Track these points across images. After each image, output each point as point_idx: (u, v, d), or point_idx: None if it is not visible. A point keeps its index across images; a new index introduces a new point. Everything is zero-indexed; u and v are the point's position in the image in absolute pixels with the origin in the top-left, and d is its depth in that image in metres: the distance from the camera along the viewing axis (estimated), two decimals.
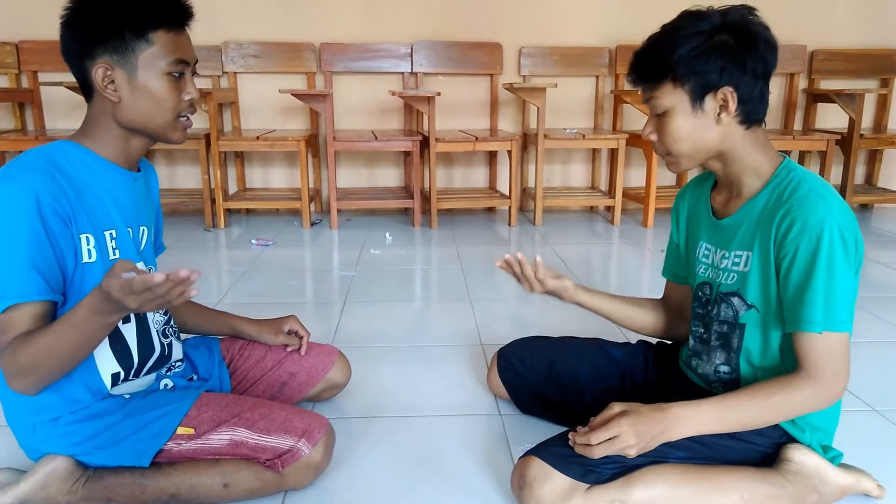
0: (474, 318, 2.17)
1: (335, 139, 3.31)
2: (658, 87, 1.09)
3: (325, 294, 2.48)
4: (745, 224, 1.13)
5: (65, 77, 3.17)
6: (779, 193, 1.09)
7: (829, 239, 1.01)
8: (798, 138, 3.50)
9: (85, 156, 1.10)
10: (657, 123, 1.13)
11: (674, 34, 1.06)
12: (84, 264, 1.07)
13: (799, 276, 1.04)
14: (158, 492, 1.13)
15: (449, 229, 3.46)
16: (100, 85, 1.06)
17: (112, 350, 1.14)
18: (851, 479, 1.17)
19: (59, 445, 1.12)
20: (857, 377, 1.69)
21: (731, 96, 1.06)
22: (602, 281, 2.67)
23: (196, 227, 3.40)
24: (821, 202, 1.03)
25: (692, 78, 1.05)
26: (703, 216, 1.25)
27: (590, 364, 1.43)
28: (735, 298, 1.16)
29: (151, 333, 1.20)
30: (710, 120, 1.08)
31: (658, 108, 1.10)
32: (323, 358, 1.47)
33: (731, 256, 1.16)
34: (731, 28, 1.05)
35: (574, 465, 1.09)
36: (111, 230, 1.12)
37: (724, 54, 1.04)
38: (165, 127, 1.11)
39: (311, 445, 1.16)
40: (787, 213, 1.05)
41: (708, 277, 1.22)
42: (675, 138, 1.10)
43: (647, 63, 1.10)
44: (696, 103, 1.07)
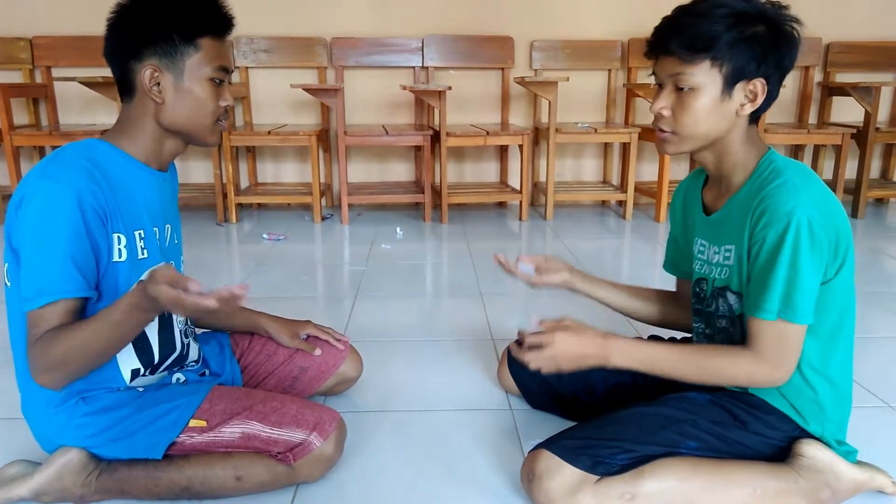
0: (485, 312, 2.17)
1: (346, 134, 3.31)
2: (694, 63, 1.05)
3: (337, 288, 2.49)
4: (731, 218, 1.13)
5: (78, 72, 3.19)
6: (758, 185, 1.08)
7: (795, 230, 1.01)
8: (813, 132, 3.46)
9: (118, 156, 1.12)
10: (676, 99, 1.09)
11: (720, 11, 1.03)
12: (114, 263, 1.08)
13: (762, 265, 1.04)
14: (171, 484, 1.14)
15: (460, 224, 3.45)
16: (146, 85, 1.08)
17: (134, 346, 1.15)
18: (865, 475, 1.16)
19: (73, 437, 1.13)
20: (871, 372, 1.69)
21: (761, 89, 1.05)
22: (614, 276, 2.65)
23: (208, 222, 3.42)
24: (793, 192, 1.03)
25: (732, 61, 1.03)
26: (697, 213, 1.24)
27: None
28: (728, 293, 1.16)
29: (175, 333, 1.22)
30: (733, 108, 1.07)
31: (685, 83, 1.06)
32: (335, 353, 1.48)
33: (722, 251, 1.16)
34: (774, 22, 1.04)
35: (583, 458, 1.09)
36: (140, 230, 1.13)
37: (766, 46, 1.03)
38: (205, 130, 1.14)
39: (322, 439, 1.16)
40: (759, 204, 1.05)
41: (703, 273, 1.22)
42: (694, 118, 1.08)
43: (689, 34, 1.04)
44: (727, 88, 1.05)
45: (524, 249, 3.05)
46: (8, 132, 3.22)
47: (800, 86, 3.87)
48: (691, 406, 1.17)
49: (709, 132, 1.09)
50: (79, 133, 3.24)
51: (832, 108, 3.88)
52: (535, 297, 2.38)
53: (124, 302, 0.98)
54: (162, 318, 1.18)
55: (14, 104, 3.41)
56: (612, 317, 1.52)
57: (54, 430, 1.14)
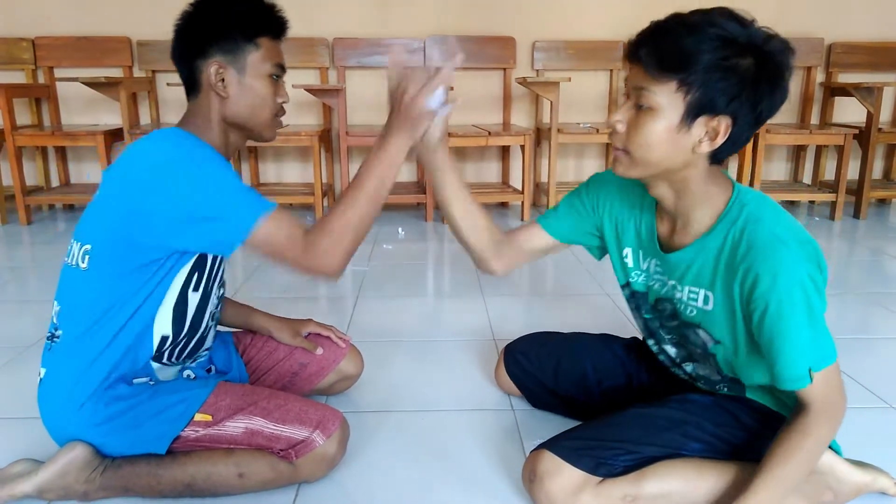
0: (487, 313, 2.17)
1: (348, 134, 3.32)
2: (659, 80, 0.95)
3: (338, 288, 2.49)
4: (700, 262, 1.07)
5: (81, 73, 3.20)
6: (735, 237, 1.02)
7: (802, 291, 0.96)
8: (815, 132, 3.46)
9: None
10: (633, 116, 1.00)
11: (710, 30, 0.93)
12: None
13: (775, 334, 0.98)
14: (174, 481, 1.14)
15: None
16: (212, 80, 1.13)
17: (173, 312, 1.16)
18: (867, 477, 1.16)
19: (82, 425, 1.13)
20: (873, 374, 1.69)
21: (724, 129, 0.96)
22: (614, 277, 2.66)
23: None
24: (784, 251, 0.96)
25: (701, 89, 0.94)
26: (647, 241, 1.17)
27: (596, 360, 1.42)
28: (700, 331, 1.13)
29: (207, 310, 1.23)
30: (688, 143, 0.98)
31: (645, 101, 0.97)
32: (335, 349, 1.48)
33: (686, 291, 1.11)
34: (766, 57, 0.94)
35: (585, 458, 1.08)
36: None
37: (746, 81, 0.93)
38: (265, 124, 1.19)
39: (325, 437, 1.17)
40: (749, 268, 0.98)
41: (663, 293, 1.17)
42: (646, 141, 0.99)
43: (664, 47, 0.95)
44: (687, 119, 0.96)
45: None
46: (10, 132, 3.22)
47: (802, 86, 3.87)
48: (694, 408, 1.17)
49: (660, 161, 1.00)
50: (82, 133, 3.25)
51: (834, 109, 3.88)
52: (539, 297, 2.38)
53: (389, 135, 1.11)
54: (204, 290, 1.20)
55: (17, 104, 3.42)
56: (614, 320, 1.52)
57: (66, 418, 1.15)
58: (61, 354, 1.15)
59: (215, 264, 1.21)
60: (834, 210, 3.52)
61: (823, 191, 3.62)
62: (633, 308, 1.27)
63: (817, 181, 3.90)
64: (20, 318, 2.14)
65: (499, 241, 1.31)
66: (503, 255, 1.32)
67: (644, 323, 1.27)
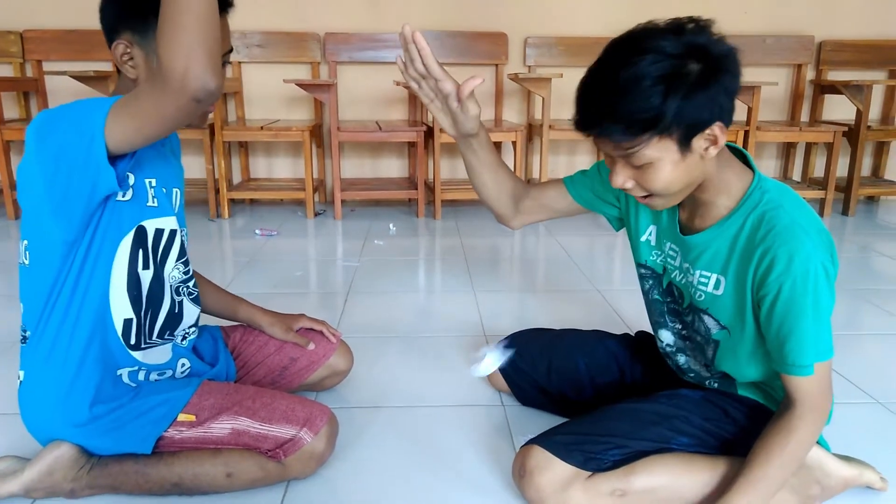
0: (478, 309, 2.17)
1: (339, 129, 3.30)
2: (638, 142, 0.94)
3: (329, 284, 2.49)
4: (716, 247, 1.07)
5: (70, 66, 3.17)
6: (756, 221, 1.02)
7: (814, 278, 0.96)
8: (805, 130, 3.48)
9: None
10: (635, 174, 1.00)
11: (641, 81, 0.89)
12: (118, 202, 1.07)
13: (784, 318, 0.99)
14: (161, 480, 1.13)
15: (453, 220, 3.45)
16: (118, 60, 1.08)
17: (128, 294, 1.13)
18: (854, 471, 1.17)
19: (65, 426, 1.12)
20: (860, 369, 1.70)
21: (720, 132, 0.95)
22: (606, 273, 2.67)
23: (200, 218, 3.40)
24: (804, 237, 0.97)
25: (682, 126, 0.92)
26: (668, 223, 1.17)
27: (589, 357, 1.42)
28: (706, 316, 1.13)
29: (165, 285, 1.19)
30: (697, 158, 0.97)
31: (637, 161, 0.96)
32: (325, 344, 1.48)
33: (697, 275, 1.11)
34: (697, 52, 0.90)
35: (575, 453, 1.09)
36: (151, 179, 1.13)
37: (707, 89, 0.91)
38: None
39: (313, 434, 1.16)
40: (767, 250, 0.99)
41: (680, 283, 1.17)
42: (664, 184, 0.98)
43: (621, 121, 0.92)
44: (683, 148, 0.95)
45: (517, 245, 3.05)
46: None
47: (792, 84, 3.88)
48: (683, 403, 1.17)
49: (687, 186, 1.01)
50: None
51: (824, 106, 3.89)
52: (530, 293, 2.39)
53: None
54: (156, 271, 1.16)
55: (5, 98, 3.38)
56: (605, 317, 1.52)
57: (47, 420, 1.13)
58: (32, 355, 1.12)
59: (165, 241, 1.17)
60: (823, 207, 3.54)
61: (813, 188, 3.64)
62: (646, 289, 1.27)
63: (807, 178, 3.92)
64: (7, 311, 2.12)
65: (521, 199, 1.32)
66: (523, 213, 1.34)
67: (652, 305, 1.27)
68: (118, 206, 1.08)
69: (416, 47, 1.07)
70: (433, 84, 1.12)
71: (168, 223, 1.17)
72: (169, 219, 1.18)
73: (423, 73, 1.11)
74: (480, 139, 1.23)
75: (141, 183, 1.11)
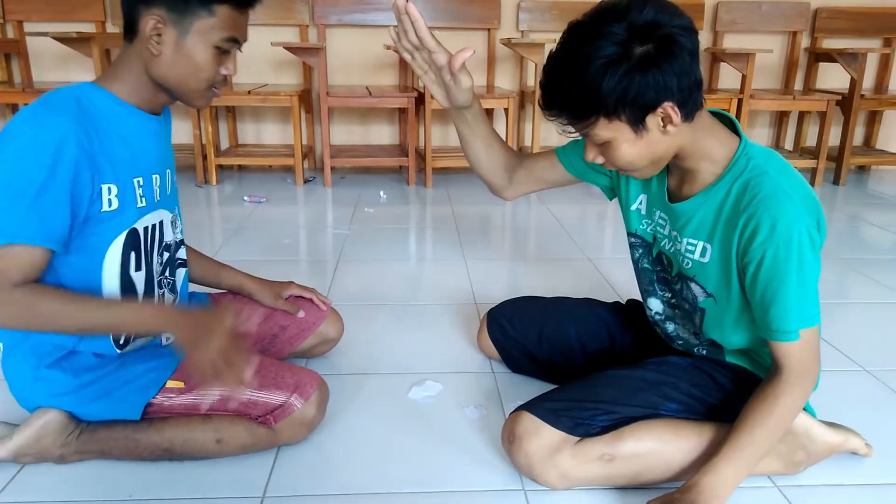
0: (469, 277, 2.16)
1: (328, 94, 3.25)
2: (591, 124, 0.97)
3: (319, 252, 2.47)
4: (702, 214, 1.07)
5: (51, 27, 3.08)
6: (741, 188, 1.02)
7: (798, 244, 0.97)
8: (798, 98, 3.46)
9: (112, 102, 1.07)
10: (600, 150, 1.03)
11: (588, 65, 0.92)
12: (103, 213, 1.05)
13: (767, 284, 1.00)
14: (151, 446, 1.13)
15: (444, 188, 3.43)
16: (146, 33, 1.03)
17: (121, 293, 1.12)
18: (840, 437, 1.18)
19: (50, 395, 1.12)
20: (848, 337, 1.72)
21: (671, 110, 0.95)
22: (596, 241, 2.67)
23: (188, 184, 3.36)
24: (788, 203, 0.97)
25: (626, 109, 0.94)
26: (657, 191, 1.17)
27: (580, 325, 1.43)
28: (693, 284, 1.14)
29: (154, 284, 1.19)
30: (657, 134, 0.98)
31: (596, 140, 1.00)
32: (315, 312, 1.47)
33: (685, 242, 1.11)
34: (644, 34, 0.91)
35: (564, 419, 1.09)
36: (138, 178, 1.10)
37: (651, 69, 0.91)
38: (194, 93, 1.10)
39: (303, 400, 1.16)
40: (751, 217, 0.99)
41: (667, 250, 1.18)
42: (628, 160, 1.01)
43: (567, 104, 0.97)
44: (637, 128, 0.96)
45: (508, 213, 3.04)
46: None
47: (787, 51, 3.84)
48: (671, 369, 1.18)
49: (654, 159, 1.02)
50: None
51: (818, 75, 3.87)
52: (521, 262, 2.38)
53: (149, 308, 1.06)
54: (148, 266, 1.15)
55: None
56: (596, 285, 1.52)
57: (31, 389, 1.13)
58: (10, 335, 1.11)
59: (151, 237, 1.16)
60: (814, 176, 3.54)
61: (805, 157, 3.63)
62: (636, 258, 1.28)
63: (799, 147, 3.91)
64: None
65: (514, 170, 1.33)
66: (516, 185, 1.35)
67: (642, 274, 1.27)
68: (103, 217, 1.05)
69: (410, 18, 1.07)
70: (427, 56, 1.13)
71: (153, 218, 1.16)
72: (154, 213, 1.16)
73: (416, 44, 1.12)
74: (474, 111, 1.23)
75: (128, 186, 1.08)
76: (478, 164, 1.32)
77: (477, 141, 1.28)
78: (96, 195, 1.03)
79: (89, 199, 1.02)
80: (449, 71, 1.12)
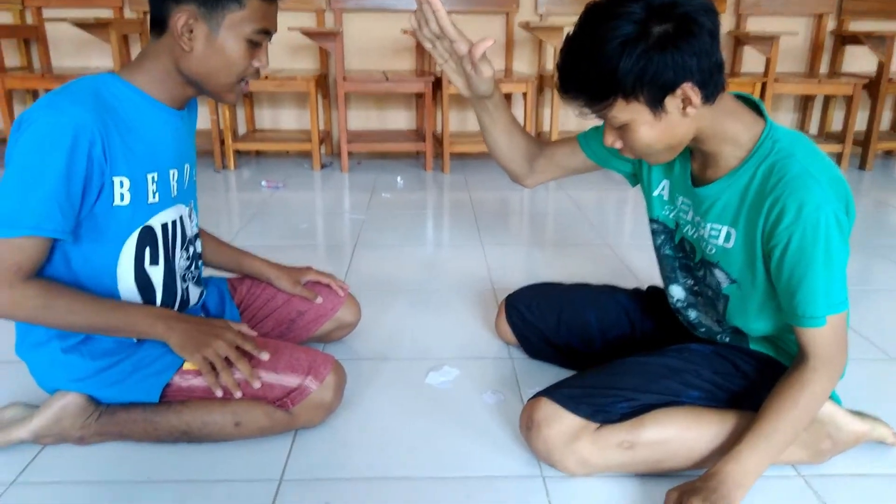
0: (486, 263, 2.15)
1: (345, 79, 3.23)
2: (608, 106, 0.95)
3: (336, 237, 2.47)
4: (726, 198, 1.05)
5: (69, 13, 3.10)
6: (766, 171, 0.99)
7: (825, 228, 0.94)
8: (824, 82, 3.38)
9: (133, 94, 1.07)
10: (618, 134, 1.01)
11: (604, 45, 0.90)
12: (115, 207, 1.05)
13: (794, 268, 0.97)
14: (170, 428, 1.14)
15: (461, 174, 3.41)
16: (177, 30, 1.03)
17: (137, 287, 1.13)
18: (866, 426, 1.16)
19: (68, 380, 1.13)
20: (874, 325, 1.68)
21: (691, 91, 0.92)
22: (615, 226, 2.64)
23: (206, 169, 3.37)
24: (814, 186, 0.95)
25: (645, 89, 0.92)
26: (680, 175, 1.15)
27: (600, 311, 1.41)
28: (717, 270, 1.11)
29: (176, 278, 1.19)
30: (677, 117, 0.96)
31: (615, 122, 0.98)
32: (333, 297, 1.47)
33: (708, 228, 1.09)
34: (662, 13, 0.89)
35: (583, 405, 1.08)
36: (153, 173, 1.10)
37: (669, 49, 0.89)
38: (224, 88, 1.09)
39: (318, 382, 1.16)
40: (777, 200, 0.96)
41: (690, 236, 1.15)
42: (646, 143, 0.99)
43: (585, 86, 0.95)
44: (656, 109, 0.94)
45: (526, 199, 3.01)
46: (0, 74, 3.14)
47: (812, 34, 3.75)
48: (693, 356, 1.16)
49: (672, 144, 1.00)
50: (72, 76, 3.16)
51: (844, 58, 3.77)
52: (539, 248, 2.36)
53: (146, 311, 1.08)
54: (167, 260, 1.16)
55: (5, 46, 3.32)
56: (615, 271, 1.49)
57: (50, 372, 1.14)
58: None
59: (171, 233, 1.16)
60: (840, 161, 3.46)
61: (830, 142, 3.56)
62: (657, 244, 1.26)
63: (824, 132, 3.83)
64: None
65: (535, 158, 1.33)
66: (537, 172, 1.35)
67: (664, 260, 1.25)
68: (115, 212, 1.05)
69: (431, 8, 1.08)
70: (447, 45, 1.13)
71: (171, 214, 1.16)
72: (172, 209, 1.16)
73: (437, 33, 1.12)
74: (495, 100, 1.23)
75: (141, 181, 1.08)
76: (498, 152, 1.31)
77: (498, 130, 1.28)
78: (107, 187, 1.03)
79: (98, 189, 1.02)
80: (470, 61, 1.11)
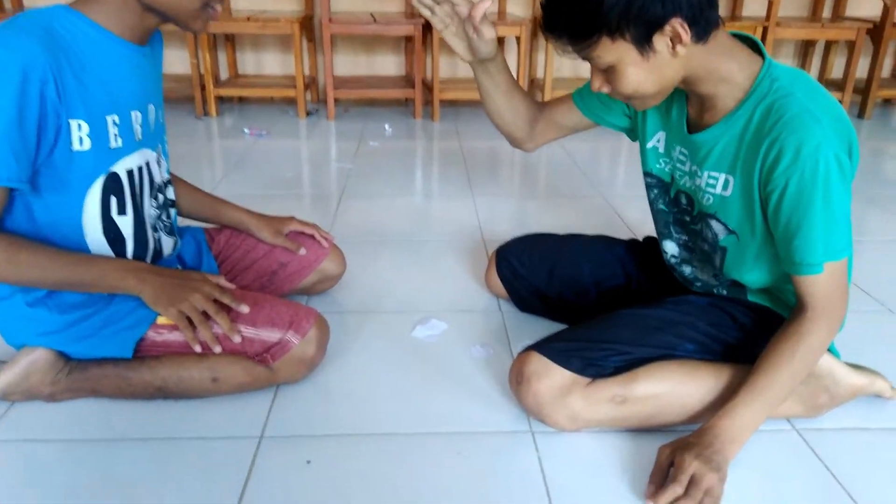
0: (476, 214, 2.09)
1: (331, 21, 3.10)
2: (593, 45, 0.90)
3: (322, 186, 2.39)
4: (724, 143, 1.00)
5: None
6: (764, 111, 0.94)
7: (824, 170, 0.89)
8: (826, 26, 3.28)
9: (89, 28, 0.97)
10: (605, 77, 0.96)
11: None
12: (75, 153, 0.97)
13: (791, 213, 0.93)
14: (144, 385, 1.09)
15: (452, 122, 3.31)
16: None
17: (106, 239, 1.06)
18: (864, 379, 1.13)
19: (35, 334, 1.07)
20: (871, 276, 1.65)
21: (681, 27, 0.87)
22: (607, 177, 2.58)
23: (186, 116, 3.26)
24: (814, 126, 0.89)
25: (631, 26, 0.87)
26: (676, 122, 1.09)
27: (594, 262, 1.37)
28: (714, 221, 1.06)
29: (146, 228, 1.13)
30: (666, 56, 0.91)
31: (598, 64, 0.93)
32: (317, 248, 1.41)
33: (705, 176, 1.03)
34: None
35: (574, 359, 1.04)
36: (114, 115, 1.01)
37: None
38: (190, 14, 1.00)
39: (300, 337, 1.11)
40: (774, 141, 0.91)
41: (687, 188, 1.10)
42: (634, 85, 0.94)
43: (568, 23, 0.90)
44: (644, 48, 0.89)
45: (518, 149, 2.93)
46: None
47: None
48: (690, 308, 1.13)
49: (662, 85, 0.95)
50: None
51: (848, 2, 3.66)
52: (531, 198, 2.30)
53: (116, 264, 1.02)
54: (136, 210, 1.09)
55: None
56: (608, 222, 1.44)
57: (15, 327, 1.09)
58: None
59: (139, 179, 1.09)
60: None
61: (829, 89, 3.45)
62: (652, 199, 1.21)
63: (824, 79, 3.74)
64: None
65: (535, 121, 1.30)
66: (537, 135, 1.32)
67: (658, 215, 1.21)
68: (74, 157, 0.97)
69: None
70: (448, 8, 1.11)
71: (137, 159, 1.08)
72: (137, 154, 1.08)
73: None
74: (497, 62, 1.19)
75: (101, 124, 0.99)
76: (499, 117, 1.27)
77: (499, 93, 1.23)
78: (64, 131, 0.95)
79: (55, 133, 0.94)
80: (471, 23, 1.09)
